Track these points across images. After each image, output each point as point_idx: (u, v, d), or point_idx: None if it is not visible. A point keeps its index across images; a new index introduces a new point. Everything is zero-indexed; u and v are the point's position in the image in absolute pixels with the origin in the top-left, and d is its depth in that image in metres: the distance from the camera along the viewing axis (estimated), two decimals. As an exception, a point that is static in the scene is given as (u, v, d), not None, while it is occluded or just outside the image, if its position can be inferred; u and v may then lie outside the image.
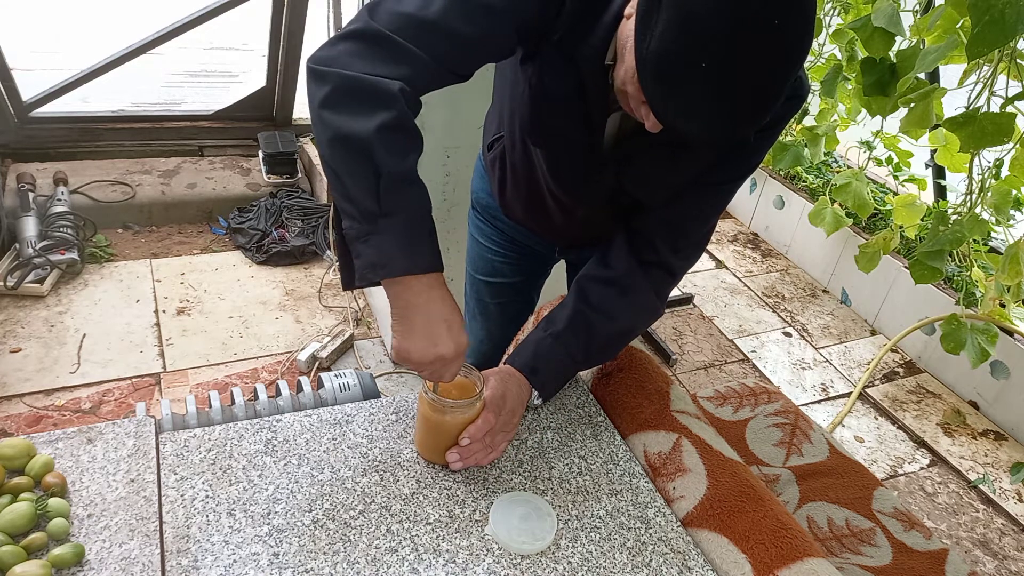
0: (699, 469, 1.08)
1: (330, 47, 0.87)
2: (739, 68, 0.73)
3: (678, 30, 0.72)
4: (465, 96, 1.92)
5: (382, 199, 0.84)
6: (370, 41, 0.86)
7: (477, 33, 0.88)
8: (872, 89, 2.16)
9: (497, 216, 1.40)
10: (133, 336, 2.39)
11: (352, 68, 0.84)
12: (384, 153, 0.83)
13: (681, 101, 0.77)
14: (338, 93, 0.84)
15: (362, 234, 0.86)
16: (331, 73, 0.84)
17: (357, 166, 0.84)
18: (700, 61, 0.72)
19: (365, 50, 0.85)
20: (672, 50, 0.73)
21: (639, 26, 0.76)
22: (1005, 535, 2.18)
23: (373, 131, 0.83)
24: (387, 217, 0.85)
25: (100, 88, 3.02)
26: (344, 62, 0.85)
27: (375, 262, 0.86)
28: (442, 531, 0.96)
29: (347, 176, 0.85)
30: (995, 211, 2.19)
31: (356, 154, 0.84)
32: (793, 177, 3.50)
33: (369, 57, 0.85)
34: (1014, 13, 1.44)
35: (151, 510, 0.91)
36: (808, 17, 0.74)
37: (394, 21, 0.86)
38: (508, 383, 1.07)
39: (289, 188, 3.17)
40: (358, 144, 0.83)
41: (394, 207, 0.85)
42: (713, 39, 0.71)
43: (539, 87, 1.00)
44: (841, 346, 2.93)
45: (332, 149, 0.85)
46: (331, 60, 0.85)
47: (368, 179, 0.84)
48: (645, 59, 0.75)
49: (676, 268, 1.13)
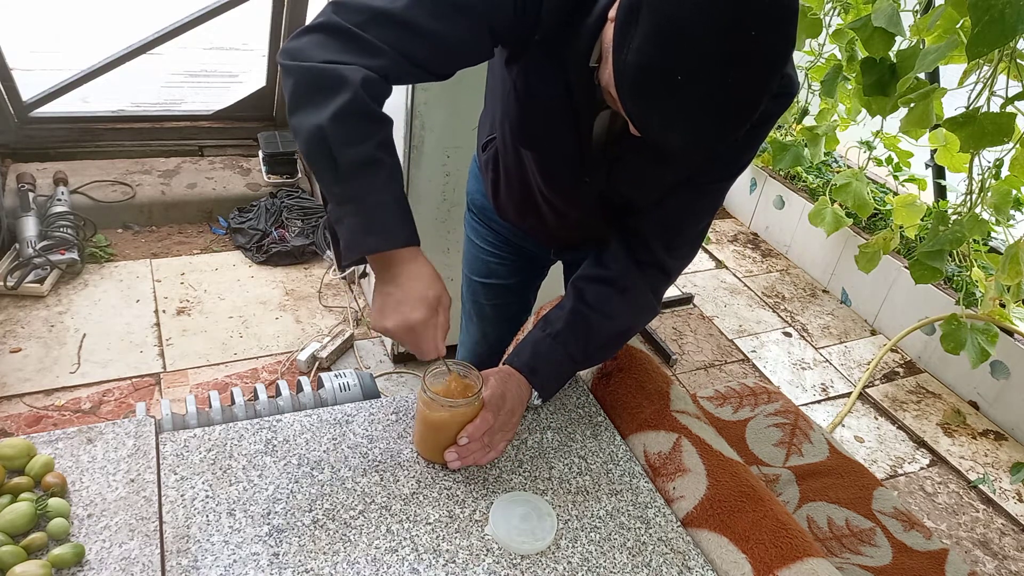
0: (699, 469, 1.08)
1: (296, 38, 0.90)
2: (717, 80, 0.72)
3: (655, 43, 0.71)
4: (465, 96, 1.92)
5: (345, 185, 0.89)
6: (333, 33, 0.88)
7: (445, 30, 0.89)
8: (872, 89, 2.16)
9: (492, 218, 1.40)
10: (133, 336, 2.39)
11: (314, 59, 0.87)
12: (339, 142, 0.86)
13: (659, 114, 0.76)
14: (300, 87, 0.88)
15: (336, 217, 0.91)
16: (293, 67, 0.88)
17: (319, 157, 0.88)
18: (677, 74, 0.72)
19: (328, 41, 0.88)
20: (649, 63, 0.73)
21: (617, 37, 0.75)
22: (1005, 535, 2.18)
23: (327, 121, 0.86)
24: (353, 201, 0.89)
25: (100, 88, 3.02)
26: (308, 53, 0.88)
27: (348, 243, 0.91)
28: (442, 531, 0.96)
29: (314, 166, 0.90)
30: (995, 211, 2.19)
31: (316, 146, 0.88)
32: (793, 177, 3.50)
33: (331, 47, 0.87)
34: (1014, 13, 1.44)
35: (151, 510, 0.91)
36: (786, 26, 0.73)
37: (357, 15, 0.88)
38: (507, 383, 1.07)
39: (289, 188, 3.17)
40: (317, 136, 0.87)
41: (357, 191, 0.89)
42: (690, 51, 0.71)
43: (525, 89, 1.01)
44: (841, 346, 2.93)
45: (300, 144, 0.90)
46: (296, 51, 0.89)
47: (330, 168, 0.88)
48: (623, 72, 0.75)
49: (671, 267, 1.13)
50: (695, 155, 1.01)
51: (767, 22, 0.70)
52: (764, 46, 0.72)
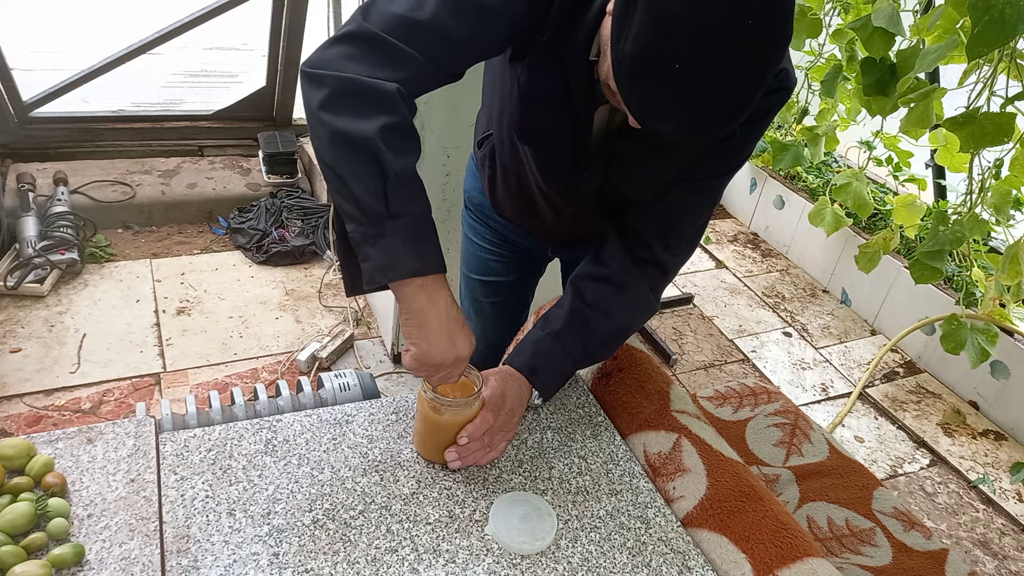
0: (699, 469, 1.08)
1: (324, 50, 0.87)
2: (714, 70, 0.72)
3: (652, 32, 0.72)
4: (465, 96, 1.92)
5: (389, 200, 0.84)
6: (364, 43, 0.86)
7: (470, 32, 0.89)
8: (872, 89, 2.16)
9: (489, 215, 1.40)
10: (133, 336, 2.39)
11: (347, 71, 0.84)
12: (389, 153, 0.83)
13: (656, 102, 0.76)
14: (337, 95, 0.84)
15: (368, 236, 0.86)
16: (328, 76, 0.84)
17: (362, 167, 0.84)
18: (674, 63, 0.72)
19: (359, 53, 0.86)
20: (646, 52, 0.73)
21: (615, 27, 0.75)
22: (1005, 535, 2.18)
23: (377, 131, 0.83)
24: (395, 219, 0.85)
25: (100, 88, 3.02)
26: (339, 65, 0.85)
27: (384, 264, 0.86)
28: (442, 531, 0.96)
29: (351, 177, 0.85)
30: (995, 211, 2.19)
31: (360, 155, 0.84)
32: (793, 177, 3.50)
33: (364, 60, 0.85)
34: (1014, 13, 1.44)
35: (151, 510, 0.91)
36: (783, 18, 0.73)
37: (388, 23, 0.86)
38: (508, 383, 1.07)
39: (289, 188, 3.17)
40: (362, 144, 0.83)
41: (400, 208, 0.85)
42: (687, 41, 0.71)
43: (527, 86, 1.01)
44: (841, 346, 2.93)
45: (334, 150, 0.85)
46: (326, 63, 0.85)
47: (374, 180, 0.84)
48: (621, 61, 0.75)
49: (669, 265, 1.13)
50: (692, 150, 1.01)
51: (763, 12, 0.71)
52: (760, 38, 0.72)
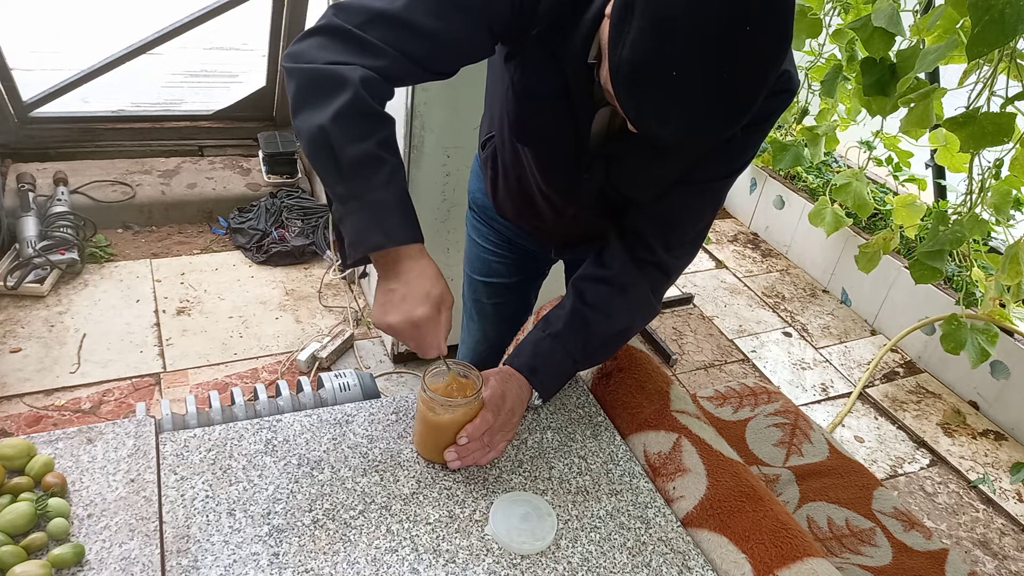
0: (699, 469, 1.08)
1: (298, 42, 0.92)
2: (713, 74, 0.72)
3: (650, 37, 0.71)
4: (465, 96, 1.92)
5: (347, 183, 0.90)
6: (335, 36, 0.89)
7: (445, 28, 0.90)
8: (872, 89, 2.17)
9: (493, 216, 1.40)
10: (133, 336, 2.39)
11: (316, 60, 0.88)
12: (340, 140, 0.88)
13: (654, 108, 0.76)
14: (302, 89, 0.89)
15: (340, 215, 0.92)
16: (295, 69, 0.90)
17: (322, 156, 0.89)
18: (672, 67, 0.72)
19: (329, 42, 0.89)
20: (645, 57, 0.73)
21: (612, 33, 0.75)
22: (1005, 535, 2.18)
23: (328, 120, 0.87)
24: (356, 198, 0.90)
25: (100, 88, 3.02)
26: (309, 55, 0.89)
27: (353, 240, 0.92)
28: (442, 531, 0.96)
29: (317, 166, 0.91)
30: (995, 211, 2.19)
31: (319, 145, 0.89)
32: (793, 177, 3.50)
33: (332, 49, 0.89)
34: (1014, 13, 1.44)
35: (151, 510, 0.91)
36: (783, 19, 0.72)
37: (358, 16, 0.89)
38: (508, 383, 1.07)
39: (289, 188, 3.17)
40: (319, 135, 0.88)
41: (359, 188, 0.90)
42: (686, 43, 0.70)
43: (522, 85, 1.01)
44: (841, 346, 2.93)
45: (303, 144, 0.92)
46: (299, 54, 0.90)
47: (332, 166, 0.89)
48: (618, 67, 0.75)
49: (670, 267, 1.12)
50: (693, 151, 1.01)
51: (762, 15, 0.70)
52: (759, 40, 0.71)
